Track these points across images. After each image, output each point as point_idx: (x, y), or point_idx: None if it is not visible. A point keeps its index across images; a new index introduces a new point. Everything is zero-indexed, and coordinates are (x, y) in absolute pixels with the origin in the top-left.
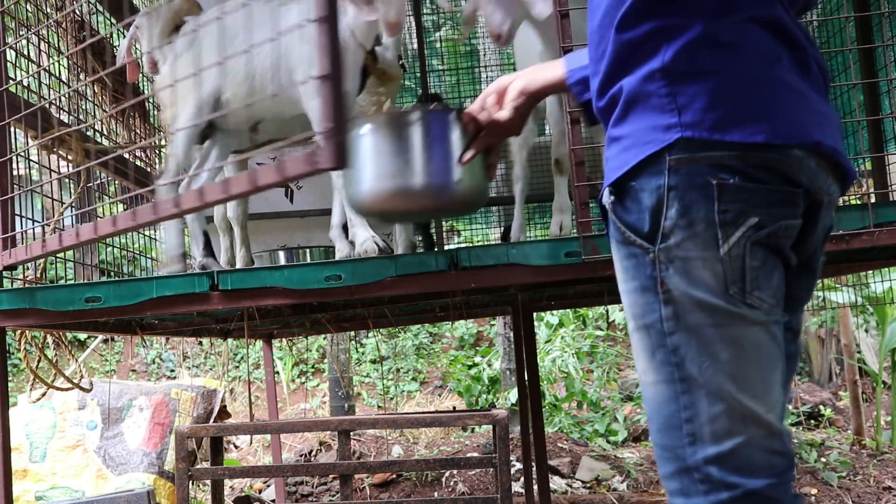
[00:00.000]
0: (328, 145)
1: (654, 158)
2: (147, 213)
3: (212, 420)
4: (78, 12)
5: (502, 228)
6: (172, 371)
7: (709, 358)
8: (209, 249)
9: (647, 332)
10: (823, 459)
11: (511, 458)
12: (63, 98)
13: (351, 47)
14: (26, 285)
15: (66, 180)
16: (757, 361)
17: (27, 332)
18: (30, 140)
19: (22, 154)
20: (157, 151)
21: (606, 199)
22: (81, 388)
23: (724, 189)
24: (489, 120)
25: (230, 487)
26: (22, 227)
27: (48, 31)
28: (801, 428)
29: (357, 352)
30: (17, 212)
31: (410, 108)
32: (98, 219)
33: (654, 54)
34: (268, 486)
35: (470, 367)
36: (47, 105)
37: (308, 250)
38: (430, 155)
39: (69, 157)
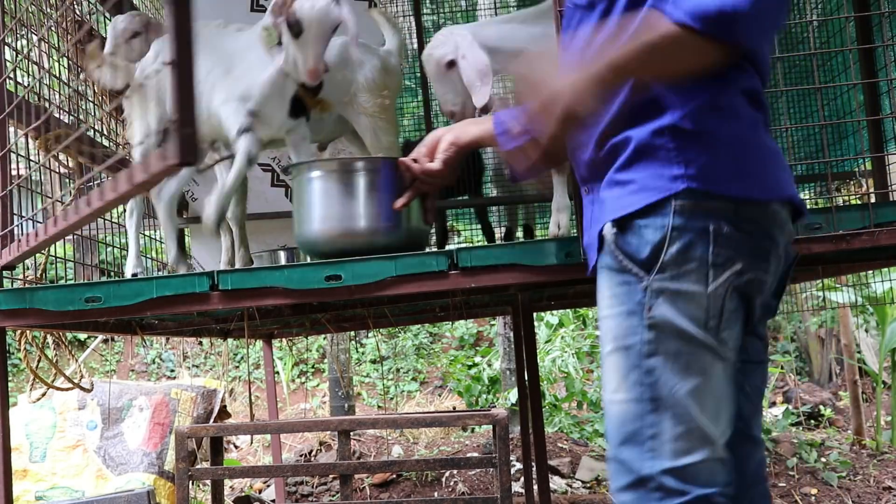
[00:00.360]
0: (174, 139)
1: (662, 202)
2: (72, 214)
3: (212, 420)
4: (78, 12)
5: (504, 229)
6: (172, 371)
7: (680, 382)
8: (181, 251)
9: (626, 353)
10: (823, 459)
11: (511, 458)
12: (62, 97)
13: (278, 80)
14: (26, 285)
15: (67, 180)
16: (717, 392)
17: (27, 332)
18: (30, 141)
19: (15, 151)
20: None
21: (608, 230)
22: (82, 388)
23: (719, 235)
24: (422, 170)
25: (230, 487)
26: (22, 228)
27: (48, 32)
28: (801, 428)
29: (357, 352)
30: (18, 212)
31: (357, 157)
32: (98, 219)
33: (663, 113)
34: (268, 486)
35: (470, 367)
36: (46, 105)
37: None
38: (374, 200)
39: (68, 159)
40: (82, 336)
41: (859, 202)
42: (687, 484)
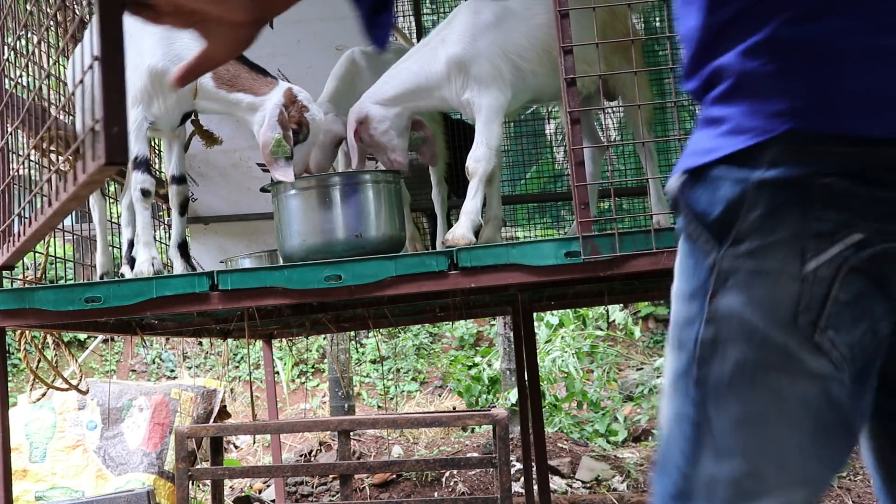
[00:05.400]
0: (101, 138)
1: (757, 148)
2: (40, 216)
3: (212, 420)
4: (78, 12)
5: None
6: (172, 371)
7: (738, 403)
8: (129, 255)
9: (677, 349)
10: None
11: (511, 458)
12: (62, 97)
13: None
14: (26, 285)
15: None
16: (801, 425)
17: (27, 332)
18: (29, 140)
19: (14, 150)
20: (157, 152)
21: (675, 179)
22: (78, 391)
23: (830, 192)
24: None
25: (230, 487)
26: (21, 228)
27: (48, 32)
28: None
29: (357, 352)
30: (21, 212)
31: (333, 173)
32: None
33: (759, 27)
34: (268, 486)
35: (470, 367)
36: (44, 104)
37: None
38: (350, 211)
39: (68, 158)
40: (82, 336)
41: None
42: None
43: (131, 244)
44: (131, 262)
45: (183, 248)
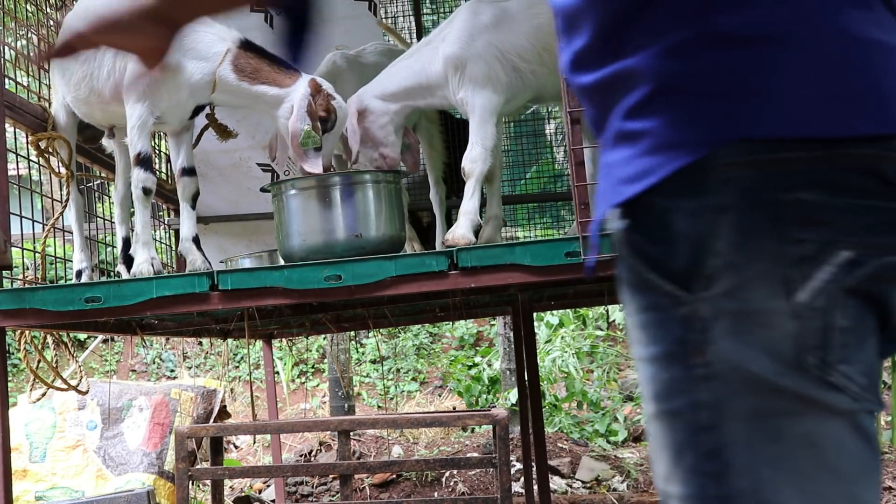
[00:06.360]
0: None
1: (699, 166)
2: None
3: (212, 420)
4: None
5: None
6: (172, 371)
7: (769, 466)
8: (125, 254)
9: (672, 422)
10: None
11: (511, 458)
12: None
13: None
14: (26, 285)
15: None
16: (843, 471)
17: (27, 332)
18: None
19: (14, 151)
20: (157, 150)
21: (614, 222)
22: (78, 391)
23: (803, 208)
24: None
25: (230, 487)
26: (20, 227)
27: (48, 32)
28: None
29: (357, 352)
30: (17, 211)
31: (332, 173)
32: (98, 219)
33: (689, 16)
34: (268, 486)
35: (470, 367)
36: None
37: None
38: (350, 211)
39: (62, 158)
40: (82, 336)
41: None
42: None
43: (126, 242)
44: (127, 261)
45: (196, 241)
